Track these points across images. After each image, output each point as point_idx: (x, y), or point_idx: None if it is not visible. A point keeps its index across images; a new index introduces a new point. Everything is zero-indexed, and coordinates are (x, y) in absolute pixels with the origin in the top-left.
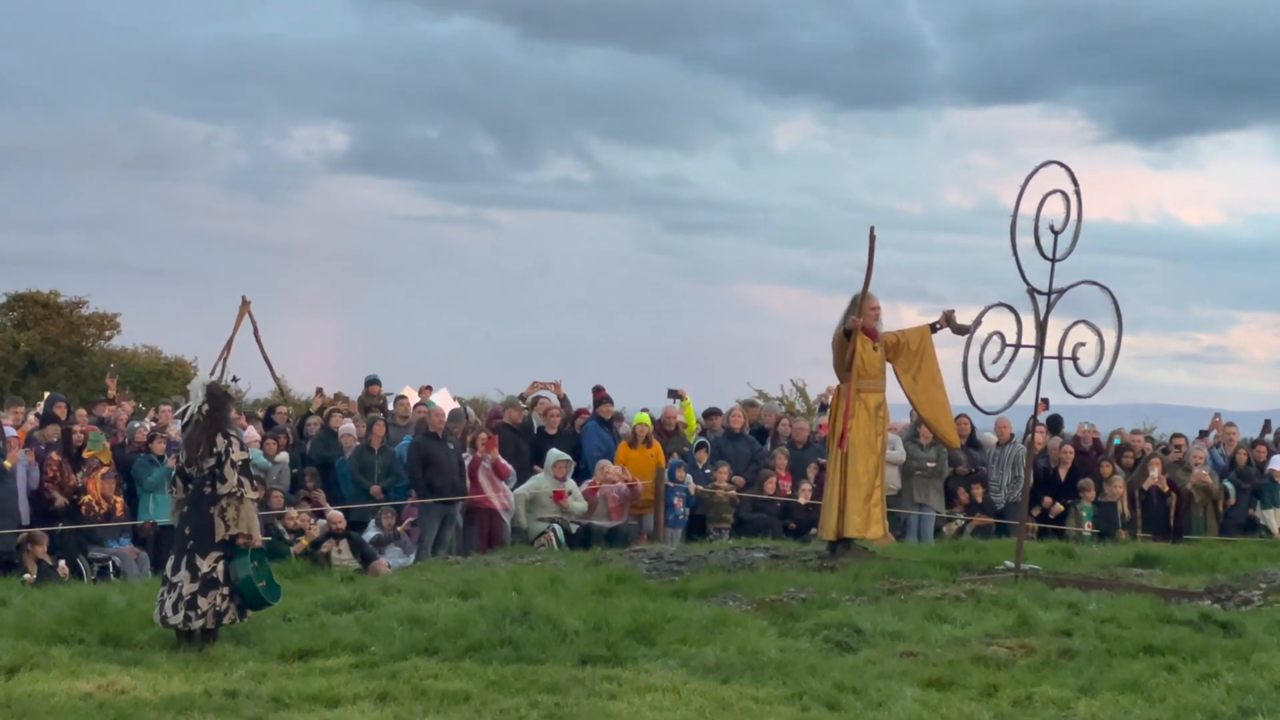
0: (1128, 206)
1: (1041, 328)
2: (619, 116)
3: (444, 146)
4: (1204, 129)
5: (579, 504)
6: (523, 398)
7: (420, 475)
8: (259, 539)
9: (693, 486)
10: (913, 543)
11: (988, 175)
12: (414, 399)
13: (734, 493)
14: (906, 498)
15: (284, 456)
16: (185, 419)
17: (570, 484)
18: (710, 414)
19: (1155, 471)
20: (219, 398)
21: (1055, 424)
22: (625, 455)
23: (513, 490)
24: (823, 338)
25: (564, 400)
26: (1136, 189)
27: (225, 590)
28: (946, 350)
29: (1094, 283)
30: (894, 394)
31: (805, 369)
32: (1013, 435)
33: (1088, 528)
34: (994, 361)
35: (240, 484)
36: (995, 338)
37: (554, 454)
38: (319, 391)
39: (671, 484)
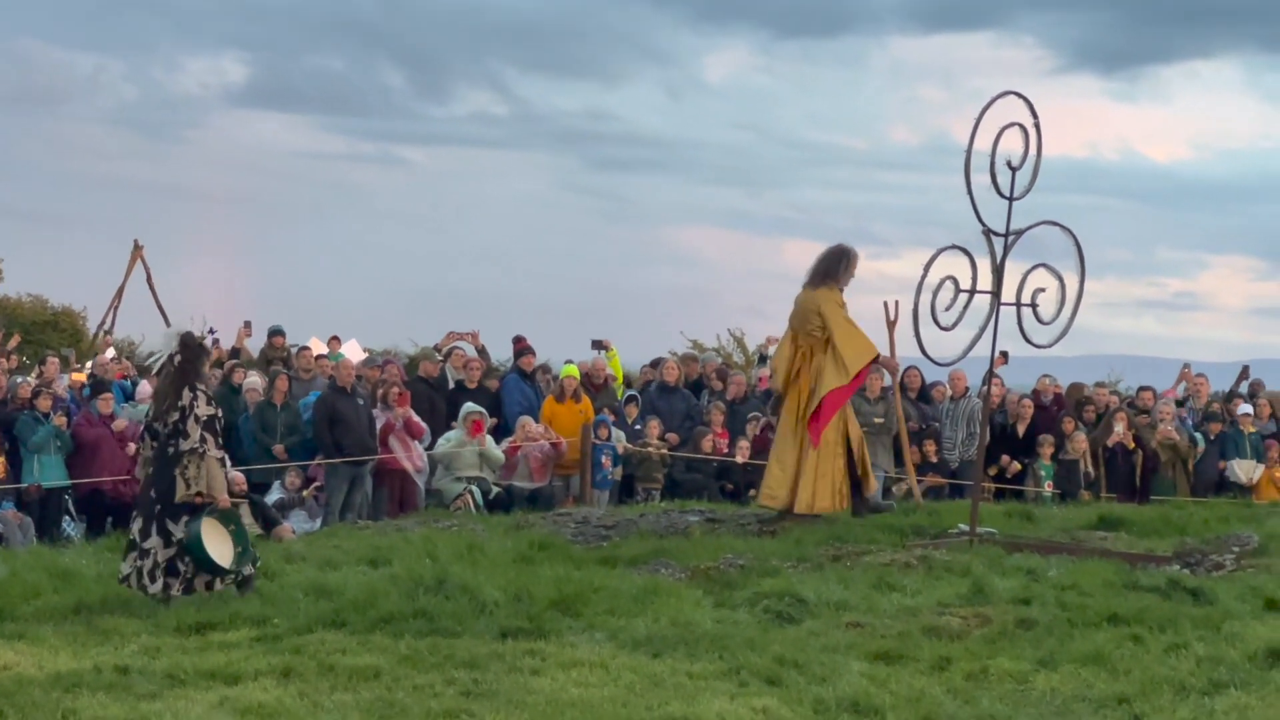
0: (1089, 142)
1: (998, 272)
2: (538, 46)
3: (349, 79)
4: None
5: (496, 452)
6: (438, 349)
7: (327, 434)
8: (225, 499)
9: (621, 445)
10: None
11: (937, 109)
12: (320, 351)
13: (666, 451)
14: None
15: None
16: (157, 370)
17: (488, 442)
18: (656, 364)
19: (1120, 427)
20: (193, 349)
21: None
22: (550, 411)
23: (426, 450)
24: (760, 283)
25: (482, 352)
26: (1098, 123)
27: (177, 566)
28: (896, 297)
29: (1054, 223)
30: None
31: (742, 317)
32: (967, 389)
33: (1048, 488)
34: (947, 309)
35: (203, 440)
36: (948, 283)
37: (468, 406)
38: (216, 343)
39: (598, 442)
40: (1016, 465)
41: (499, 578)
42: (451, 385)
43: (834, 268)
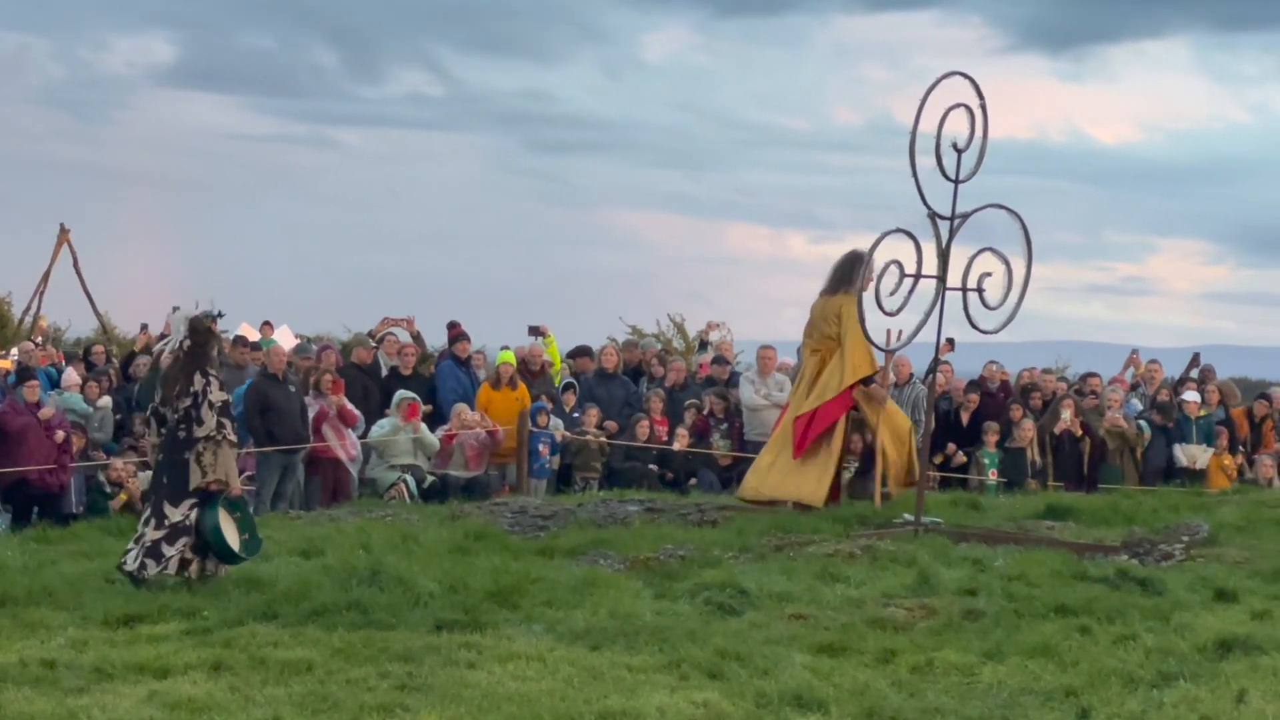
0: (1035, 123)
1: (943, 256)
2: (473, 25)
3: (281, 58)
4: (1118, 37)
5: (431, 438)
6: (372, 335)
7: (258, 422)
8: (238, 487)
9: (559, 433)
10: None
11: (881, 89)
12: (253, 337)
13: (605, 439)
14: None
15: (106, 401)
16: (160, 355)
17: (422, 428)
18: (579, 353)
19: (1067, 414)
20: (202, 333)
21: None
22: (486, 398)
23: (360, 438)
24: (702, 267)
25: (417, 338)
26: (1045, 103)
27: (193, 540)
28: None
29: (1001, 206)
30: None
31: (684, 302)
32: (912, 375)
33: (994, 476)
34: (891, 293)
35: (220, 426)
36: (893, 267)
37: (401, 393)
38: (144, 328)
39: (536, 430)
40: (962, 454)
41: (434, 569)
42: (385, 372)
43: (849, 273)
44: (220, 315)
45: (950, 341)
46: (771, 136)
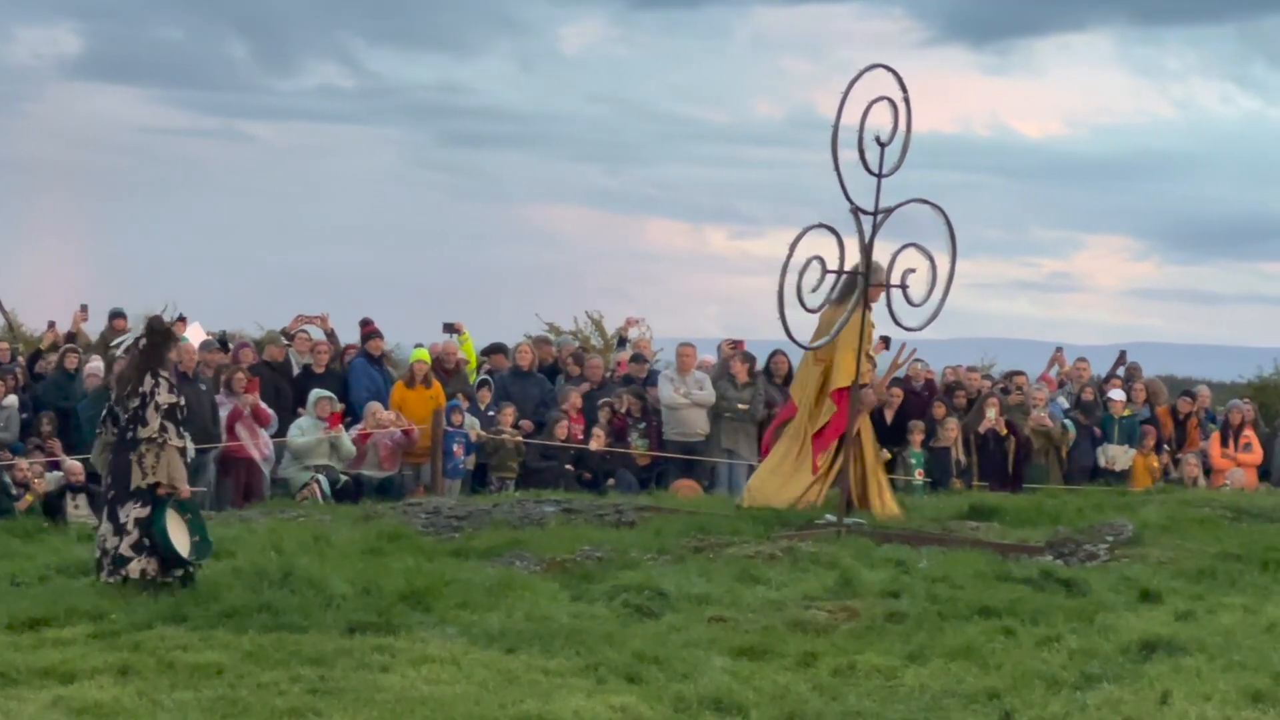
0: (960, 117)
1: (867, 252)
2: (387, 15)
3: (191, 50)
4: (1042, 30)
5: (348, 445)
6: (285, 333)
7: None
8: (186, 490)
9: (474, 432)
10: (722, 494)
11: (802, 81)
12: None
13: (520, 439)
14: (715, 444)
15: (12, 400)
16: (122, 354)
17: (343, 435)
18: (494, 350)
19: (992, 413)
20: (158, 333)
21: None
22: (400, 397)
23: (272, 437)
24: (621, 263)
25: (331, 335)
26: (969, 97)
27: (136, 540)
28: (761, 278)
29: (925, 201)
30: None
31: (602, 299)
32: None
33: (918, 476)
34: (814, 290)
35: (163, 429)
36: (815, 263)
37: (316, 392)
38: (51, 325)
39: (450, 429)
40: (887, 453)
41: (347, 570)
42: (298, 370)
43: (850, 281)
44: (181, 318)
45: (885, 340)
46: (691, 130)
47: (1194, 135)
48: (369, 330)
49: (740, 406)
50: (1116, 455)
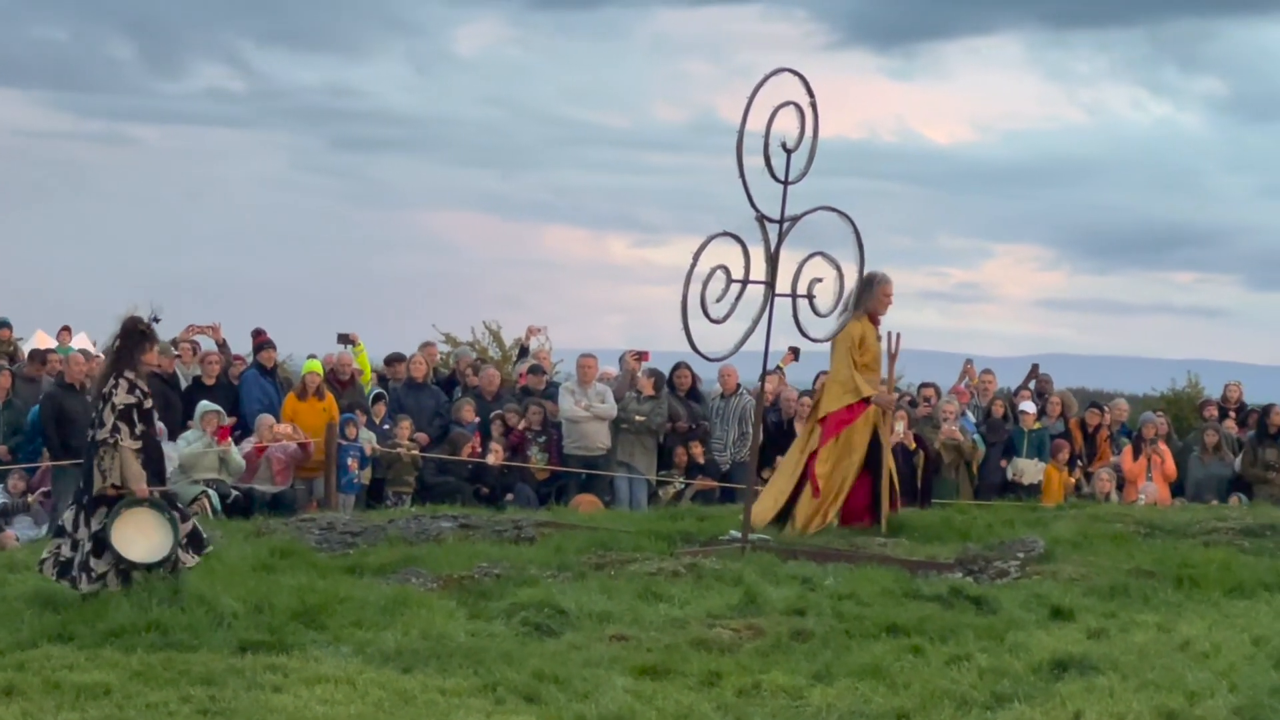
0: (866, 122)
1: (772, 261)
2: (276, 16)
3: (74, 50)
4: (949, 33)
5: (238, 459)
6: (175, 343)
7: (54, 434)
8: (142, 489)
9: (369, 446)
10: (623, 510)
11: (704, 85)
12: (49, 344)
13: (417, 452)
14: (615, 458)
15: None
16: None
17: (231, 448)
18: (391, 360)
19: (900, 426)
20: (130, 334)
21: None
22: (292, 409)
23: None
24: (518, 271)
25: (222, 346)
26: (875, 102)
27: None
28: (663, 288)
29: (832, 209)
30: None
31: (499, 308)
32: (739, 385)
33: None
34: (718, 300)
35: (115, 430)
36: (719, 273)
37: (204, 405)
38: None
39: (344, 442)
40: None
41: (238, 587)
42: (187, 382)
43: (859, 294)
44: (157, 320)
45: (794, 351)
46: (589, 134)
47: (1104, 141)
48: (261, 341)
49: (637, 418)
50: (1026, 469)
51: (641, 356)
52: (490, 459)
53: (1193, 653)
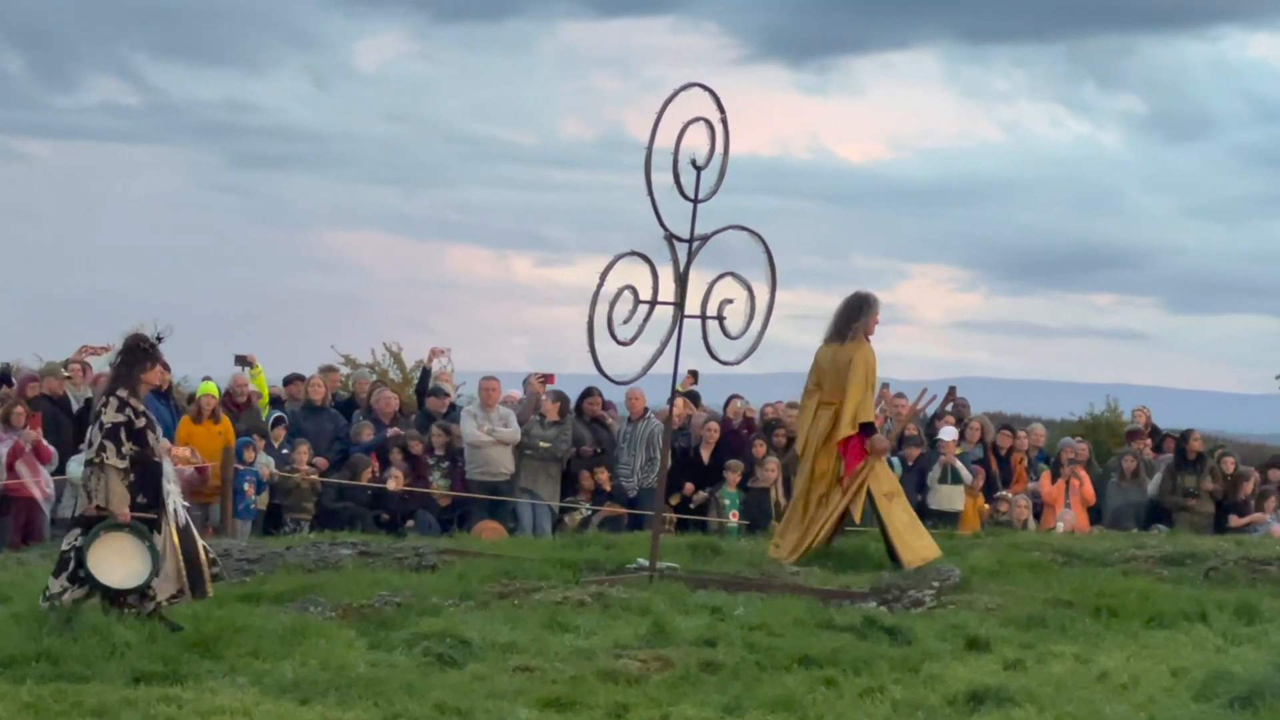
0: (778, 139)
1: (681, 281)
2: (172, 29)
3: None
4: (863, 48)
5: None
6: (65, 364)
7: None
8: (123, 514)
9: (267, 470)
10: (527, 537)
11: (612, 100)
12: None
13: (316, 477)
14: (519, 484)
15: None
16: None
17: None
18: (290, 381)
19: None
20: (133, 351)
21: (693, 399)
22: (188, 432)
23: (53, 474)
24: (420, 292)
25: None
26: (787, 117)
27: (79, 572)
28: (569, 309)
29: (743, 228)
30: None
31: (400, 330)
32: (647, 409)
33: (734, 518)
34: (625, 322)
35: (101, 449)
36: (627, 293)
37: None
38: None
39: (241, 467)
40: (702, 494)
41: (131, 617)
42: (79, 404)
43: (857, 318)
44: (160, 338)
45: (693, 374)
46: (494, 151)
47: (1022, 159)
48: None
49: (542, 444)
50: (950, 495)
51: (546, 379)
52: (390, 484)
53: (1111, 684)
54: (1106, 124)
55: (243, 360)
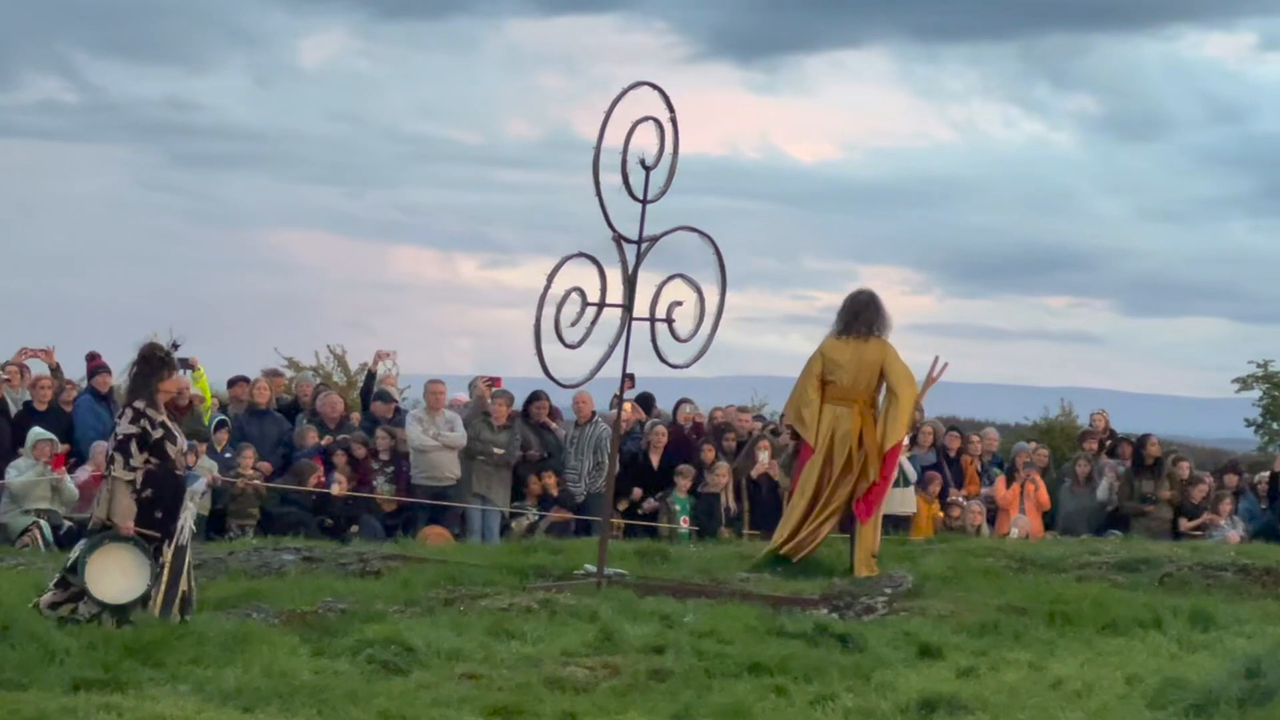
0: (727, 138)
1: (630, 283)
2: (111, 26)
3: None
4: (813, 46)
5: (72, 488)
6: (3, 367)
7: None
8: (126, 527)
9: (210, 475)
10: (474, 542)
11: (559, 99)
12: None
13: (260, 482)
14: (466, 488)
15: None
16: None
17: (65, 477)
18: (234, 383)
19: (765, 456)
20: (148, 361)
21: (646, 404)
22: None
23: None
24: (364, 294)
25: (55, 370)
26: (736, 117)
27: (66, 579)
28: (516, 311)
29: (692, 229)
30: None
31: (344, 332)
32: (595, 413)
33: (684, 524)
34: (573, 324)
35: (111, 461)
36: (574, 295)
37: (35, 432)
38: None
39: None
40: (651, 499)
41: (70, 623)
42: (18, 408)
43: (875, 316)
44: (176, 346)
45: (630, 378)
46: (439, 150)
47: (974, 160)
48: (96, 365)
49: (496, 451)
50: (902, 499)
51: (493, 382)
52: (335, 489)
53: (1065, 692)
54: (1060, 124)
55: (185, 363)
